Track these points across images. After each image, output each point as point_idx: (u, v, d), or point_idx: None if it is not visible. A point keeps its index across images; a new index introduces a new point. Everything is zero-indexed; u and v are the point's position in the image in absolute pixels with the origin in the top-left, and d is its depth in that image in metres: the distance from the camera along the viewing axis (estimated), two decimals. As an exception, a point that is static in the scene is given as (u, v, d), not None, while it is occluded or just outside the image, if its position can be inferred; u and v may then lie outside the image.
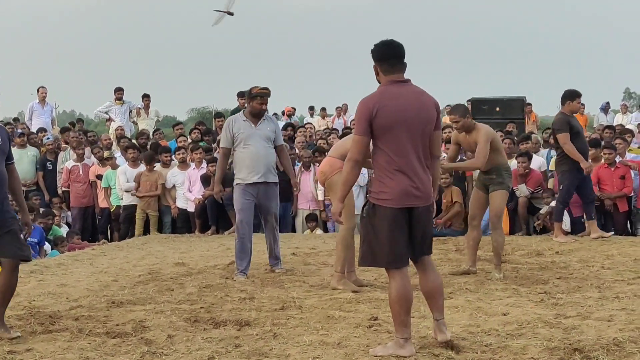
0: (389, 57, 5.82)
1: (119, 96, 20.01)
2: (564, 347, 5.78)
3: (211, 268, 10.01)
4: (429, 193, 5.82)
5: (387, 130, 5.70)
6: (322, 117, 26.51)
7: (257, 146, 9.59)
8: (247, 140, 9.53)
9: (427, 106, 5.77)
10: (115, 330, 6.70)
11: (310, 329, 6.61)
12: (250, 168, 9.52)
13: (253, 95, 9.60)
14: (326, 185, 8.71)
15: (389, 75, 5.81)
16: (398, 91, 5.78)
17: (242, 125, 9.58)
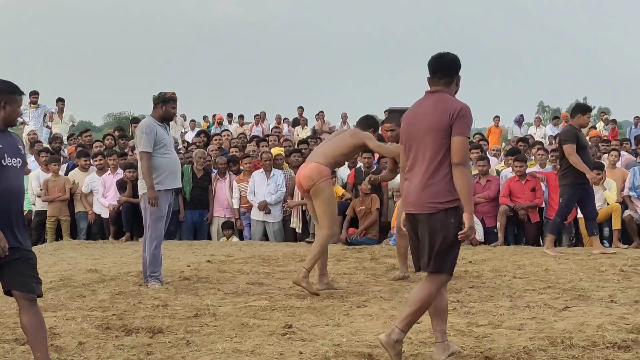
0: (428, 70, 5.85)
1: (33, 100, 19.71)
2: (475, 355, 5.86)
3: (124, 275, 9.88)
4: (421, 202, 5.69)
5: (404, 139, 5.87)
6: (239, 125, 26.50)
7: (174, 153, 9.60)
8: (167, 147, 9.39)
9: (436, 114, 5.65)
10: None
11: (224, 337, 6.58)
12: (174, 174, 9.44)
13: (167, 99, 9.42)
14: (312, 192, 8.68)
15: (430, 86, 5.86)
16: (421, 101, 5.86)
17: (161, 130, 9.38)
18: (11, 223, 5.38)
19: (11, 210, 5.39)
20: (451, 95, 5.77)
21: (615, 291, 8.48)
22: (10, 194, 5.38)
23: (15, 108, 5.52)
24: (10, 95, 5.48)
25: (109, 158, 14.77)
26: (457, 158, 5.55)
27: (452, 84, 5.81)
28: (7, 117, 5.47)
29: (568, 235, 13.33)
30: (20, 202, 5.59)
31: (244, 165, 14.74)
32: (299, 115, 26.53)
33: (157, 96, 9.46)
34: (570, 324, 6.81)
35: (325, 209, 8.68)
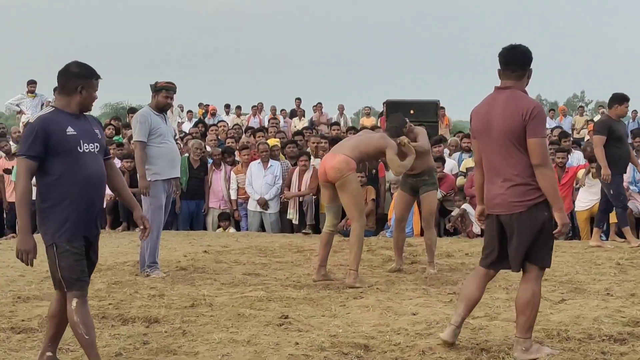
0: (499, 62, 5.81)
1: (31, 89, 19.67)
2: (471, 347, 5.86)
3: (121, 264, 9.88)
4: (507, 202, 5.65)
5: (477, 136, 5.85)
6: (237, 116, 26.47)
7: (173, 142, 9.49)
8: (165, 136, 9.29)
9: (507, 114, 5.60)
10: (20, 325, 6.58)
11: (220, 327, 6.58)
12: (171, 163, 9.34)
13: (158, 88, 9.31)
14: (338, 184, 8.65)
15: (500, 79, 5.82)
16: (491, 98, 5.81)
17: (157, 119, 9.27)
18: (94, 212, 5.32)
19: (94, 198, 5.29)
20: (522, 92, 5.72)
21: (612, 284, 8.50)
22: (90, 181, 5.22)
23: (92, 93, 5.32)
24: (87, 79, 5.28)
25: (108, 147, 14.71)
26: (536, 160, 5.53)
27: (523, 78, 5.77)
28: (83, 102, 5.29)
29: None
30: (102, 190, 5.46)
31: (242, 156, 14.72)
32: (296, 107, 26.48)
33: (152, 85, 9.40)
34: (567, 317, 6.82)
35: (354, 200, 8.70)
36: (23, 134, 5.21)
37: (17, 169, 5.09)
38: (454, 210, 13.37)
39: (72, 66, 5.29)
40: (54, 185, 5.09)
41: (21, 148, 5.12)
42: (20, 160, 5.07)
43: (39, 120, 5.10)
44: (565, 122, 25.62)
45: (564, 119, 26.43)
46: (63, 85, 5.25)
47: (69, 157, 5.12)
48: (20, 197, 5.05)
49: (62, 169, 5.10)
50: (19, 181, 5.04)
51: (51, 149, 5.05)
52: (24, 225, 5.12)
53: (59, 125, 5.11)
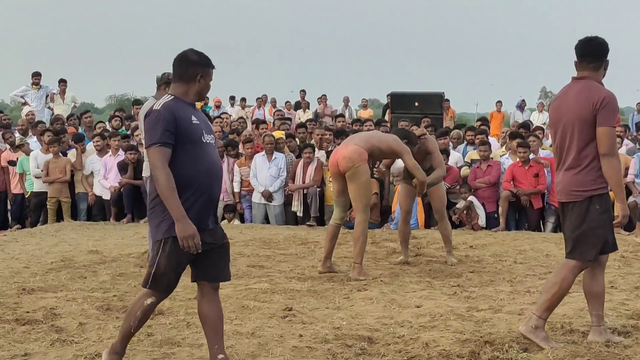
0: (576, 54, 5.83)
1: (35, 81, 19.67)
2: (475, 340, 5.86)
3: (125, 256, 9.89)
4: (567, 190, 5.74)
5: (552, 125, 5.91)
6: (241, 108, 26.46)
7: None
8: None
9: (580, 103, 5.65)
10: (25, 317, 6.59)
11: (225, 319, 6.53)
12: None
13: (170, 80, 9.20)
14: (348, 174, 8.63)
15: (577, 70, 5.85)
16: (566, 89, 5.86)
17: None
18: (213, 204, 5.16)
19: (214, 190, 5.12)
20: (597, 83, 5.73)
21: (616, 277, 8.49)
22: (213, 172, 5.08)
23: (208, 82, 5.15)
24: (205, 68, 5.11)
25: (113, 139, 14.73)
26: (603, 149, 5.57)
27: (600, 69, 5.79)
28: (200, 91, 5.12)
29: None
30: (221, 182, 5.29)
31: (246, 149, 14.70)
32: (301, 99, 26.46)
33: (161, 77, 9.17)
34: (570, 310, 6.82)
35: (362, 192, 8.66)
36: (148, 123, 4.93)
37: (152, 159, 4.85)
38: (459, 202, 13.35)
39: (190, 54, 5.14)
40: (177, 176, 4.86)
41: (151, 137, 4.88)
42: (154, 150, 4.84)
43: (165, 107, 4.91)
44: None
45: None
46: (181, 73, 5.10)
47: (194, 146, 4.96)
48: (166, 186, 4.79)
49: (187, 159, 4.93)
50: (157, 171, 4.81)
51: (178, 137, 4.89)
52: (179, 212, 4.80)
53: (184, 113, 4.96)
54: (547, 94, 78.07)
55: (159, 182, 4.81)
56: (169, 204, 4.81)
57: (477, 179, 13.51)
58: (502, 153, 14.92)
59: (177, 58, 5.13)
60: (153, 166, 4.85)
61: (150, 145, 4.86)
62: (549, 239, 11.62)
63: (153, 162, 4.84)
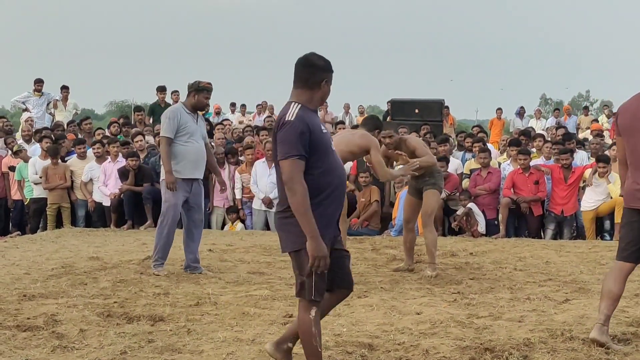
0: None
1: (38, 88, 19.70)
2: (475, 347, 5.87)
3: (126, 263, 9.89)
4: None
5: (622, 132, 5.94)
6: (242, 114, 26.47)
7: (200, 142, 9.37)
8: (193, 135, 9.22)
9: None
10: (26, 323, 6.59)
11: (225, 326, 6.60)
12: (194, 163, 9.27)
13: (201, 88, 9.22)
14: None
15: None
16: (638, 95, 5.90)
17: (188, 118, 9.22)
18: (339, 213, 5.07)
19: (342, 200, 5.06)
20: None
21: (616, 284, 8.48)
22: (342, 180, 5.05)
23: (330, 87, 5.06)
24: (330, 73, 5.03)
25: (112, 146, 14.74)
26: None
27: None
28: (323, 97, 5.03)
29: (569, 228, 13.34)
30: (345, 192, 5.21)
31: (246, 156, 14.73)
32: (301, 105, 26.47)
33: (192, 84, 9.31)
34: (571, 317, 6.83)
35: None
36: (283, 134, 4.82)
37: (290, 172, 4.75)
38: (458, 209, 13.37)
39: (315, 58, 5.03)
40: (314, 186, 4.81)
41: (287, 149, 4.78)
42: (291, 162, 4.76)
43: (298, 119, 4.80)
44: (570, 121, 25.58)
45: (569, 118, 26.38)
46: (307, 79, 4.98)
47: (327, 155, 4.91)
48: (302, 201, 4.73)
49: (322, 168, 4.87)
50: (296, 184, 4.74)
51: (312, 147, 4.81)
52: (313, 229, 4.73)
53: (315, 122, 4.90)
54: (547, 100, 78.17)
55: (296, 196, 4.74)
56: (303, 220, 4.74)
57: (477, 186, 13.54)
58: (502, 160, 14.96)
59: (302, 63, 5.02)
60: (289, 179, 4.76)
61: (287, 157, 4.77)
62: (549, 246, 11.65)
63: (290, 174, 4.76)
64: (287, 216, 4.88)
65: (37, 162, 14.73)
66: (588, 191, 13.13)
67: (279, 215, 5.01)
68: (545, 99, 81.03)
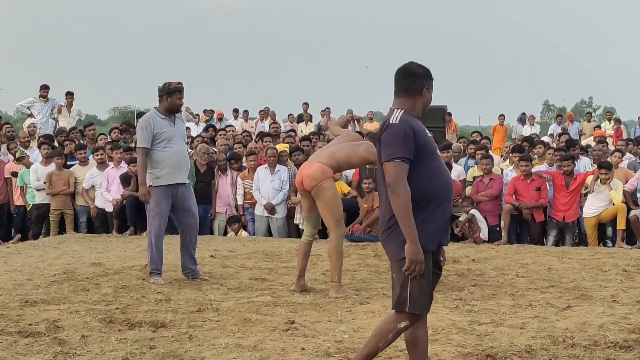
0: None
1: (43, 94, 19.74)
2: (477, 353, 5.87)
3: (128, 269, 9.90)
4: None
5: None
6: (245, 120, 26.49)
7: (180, 146, 9.29)
8: (171, 140, 9.09)
9: None
10: (28, 329, 6.59)
11: (227, 332, 6.59)
12: (175, 168, 9.12)
13: (172, 90, 9.11)
14: (314, 192, 8.45)
15: None
16: None
17: (163, 123, 9.09)
18: (448, 220, 5.07)
19: (450, 204, 5.03)
20: None
21: (618, 291, 8.50)
22: (450, 185, 5.01)
23: (431, 94, 5.05)
24: (430, 80, 5.03)
25: (115, 152, 14.75)
26: None
27: None
28: (425, 104, 5.02)
29: (571, 235, 13.34)
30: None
31: (249, 162, 14.74)
32: (303, 111, 26.47)
33: (162, 87, 9.18)
34: (572, 324, 6.83)
35: (330, 209, 8.47)
36: (387, 137, 4.83)
37: (394, 174, 4.72)
38: (461, 215, 13.36)
39: (414, 67, 5.05)
40: (419, 191, 4.77)
41: (391, 151, 4.77)
42: (395, 165, 4.73)
43: (403, 121, 4.80)
44: (572, 128, 25.60)
45: (572, 124, 26.41)
46: (407, 86, 4.99)
47: (432, 160, 4.88)
48: (405, 205, 4.69)
49: (428, 173, 4.84)
50: (400, 188, 4.69)
51: (418, 151, 4.78)
52: (414, 233, 4.69)
53: (420, 126, 4.87)
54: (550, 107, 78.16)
55: (399, 198, 4.70)
56: (405, 224, 4.70)
57: (479, 192, 13.54)
58: (505, 166, 14.95)
59: (402, 72, 5.04)
60: (394, 181, 4.72)
61: (391, 160, 4.75)
62: (551, 252, 11.65)
63: (394, 177, 4.72)
64: (392, 228, 4.85)
65: (38, 168, 14.75)
66: (590, 198, 13.13)
67: (384, 229, 4.96)
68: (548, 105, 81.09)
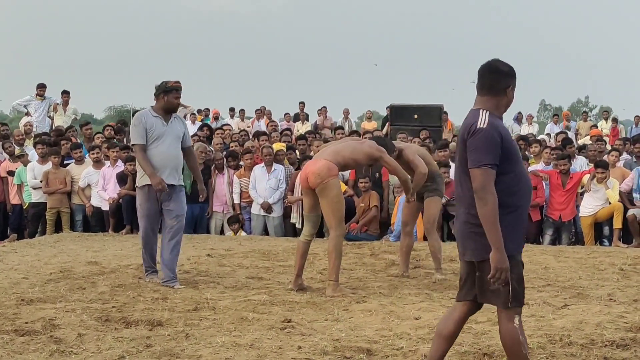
0: None
1: (40, 92, 19.74)
2: (474, 352, 5.87)
3: (124, 267, 9.89)
4: None
5: None
6: (241, 119, 26.47)
7: (168, 145, 8.96)
8: (159, 139, 8.87)
9: None
10: (24, 328, 6.58)
11: (223, 330, 6.59)
12: (162, 169, 8.85)
13: (169, 88, 8.94)
14: (318, 190, 8.39)
15: None
16: None
17: (154, 121, 8.89)
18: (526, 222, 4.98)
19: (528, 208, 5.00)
20: None
21: (615, 290, 8.51)
22: (530, 189, 5.00)
23: (514, 92, 4.94)
24: (514, 79, 4.93)
25: (111, 150, 14.74)
26: None
27: None
28: (508, 103, 4.93)
29: (568, 233, 13.35)
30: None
31: (245, 160, 14.74)
32: (300, 111, 26.44)
33: (159, 85, 9.04)
34: (569, 322, 6.83)
35: (334, 207, 8.41)
36: (476, 142, 4.73)
37: (482, 181, 4.66)
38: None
39: (500, 64, 4.95)
40: (507, 197, 4.72)
41: (480, 157, 4.70)
42: (484, 171, 4.67)
43: (491, 126, 4.72)
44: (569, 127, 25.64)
45: (567, 124, 26.44)
46: (492, 85, 4.90)
47: (517, 165, 4.84)
48: (493, 212, 4.63)
49: (514, 178, 4.79)
50: (488, 195, 4.64)
51: (504, 156, 4.72)
52: (500, 241, 4.63)
53: (505, 129, 4.82)
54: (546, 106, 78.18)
55: (487, 206, 4.65)
56: (492, 231, 4.65)
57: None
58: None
59: (486, 69, 4.95)
60: (481, 188, 4.67)
61: (479, 166, 4.70)
62: (547, 251, 11.65)
63: (482, 183, 4.68)
64: (477, 224, 4.77)
65: (35, 166, 14.74)
66: (586, 197, 13.14)
67: (467, 221, 4.89)
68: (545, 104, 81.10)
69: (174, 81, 9.08)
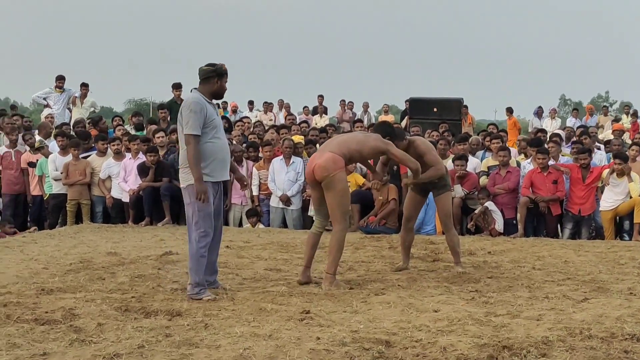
0: None
1: (59, 84, 19.85)
2: (493, 344, 5.84)
3: (144, 258, 9.92)
4: None
5: None
6: (264, 112, 26.45)
7: (225, 138, 8.11)
8: (217, 129, 7.88)
9: None
10: (44, 317, 6.61)
11: (242, 321, 6.59)
12: (223, 163, 7.94)
13: (224, 72, 7.96)
14: (324, 183, 8.23)
15: None
16: None
17: (211, 110, 7.84)
18: None
19: None
20: None
21: (635, 284, 8.45)
22: None
23: None
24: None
25: (133, 142, 14.79)
26: None
27: None
28: None
29: (587, 228, 13.29)
30: None
31: (264, 153, 14.75)
32: (318, 104, 26.45)
33: (211, 68, 7.96)
34: (589, 316, 6.79)
35: (339, 201, 8.25)
36: None
37: None
38: (476, 208, 13.32)
39: None
40: None
41: None
42: None
43: None
44: (591, 121, 25.50)
45: (591, 118, 26.30)
46: None
47: None
48: None
49: None
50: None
51: None
52: None
53: None
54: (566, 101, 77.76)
55: None
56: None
57: (496, 185, 13.49)
58: (521, 159, 14.89)
59: None
60: None
61: None
62: (567, 245, 11.60)
63: None
64: None
65: (57, 158, 14.80)
66: (607, 191, 13.07)
67: None
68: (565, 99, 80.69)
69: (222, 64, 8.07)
